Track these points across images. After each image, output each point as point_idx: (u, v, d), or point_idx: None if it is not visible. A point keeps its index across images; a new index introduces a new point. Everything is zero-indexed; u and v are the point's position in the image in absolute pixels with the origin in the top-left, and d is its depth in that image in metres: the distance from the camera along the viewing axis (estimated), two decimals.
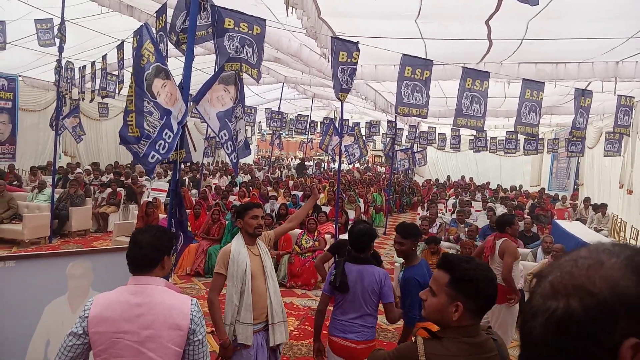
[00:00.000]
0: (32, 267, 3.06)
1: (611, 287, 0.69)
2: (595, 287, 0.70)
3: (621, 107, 8.84)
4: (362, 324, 3.26)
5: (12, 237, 9.13)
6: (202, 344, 2.13)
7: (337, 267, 3.32)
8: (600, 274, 0.71)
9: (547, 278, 0.77)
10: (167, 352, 2.05)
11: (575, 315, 0.70)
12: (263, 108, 18.22)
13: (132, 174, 13.61)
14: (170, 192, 4.08)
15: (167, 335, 2.05)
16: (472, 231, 8.31)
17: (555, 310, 0.72)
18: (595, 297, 0.70)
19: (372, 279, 3.24)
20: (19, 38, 10.87)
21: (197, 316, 2.13)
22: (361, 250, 3.38)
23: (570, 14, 6.53)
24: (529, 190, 19.44)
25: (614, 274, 0.70)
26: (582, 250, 0.78)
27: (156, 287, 2.14)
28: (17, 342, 2.92)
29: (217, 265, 3.36)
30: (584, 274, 0.73)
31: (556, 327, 0.72)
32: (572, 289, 0.72)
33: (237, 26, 4.82)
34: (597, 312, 0.69)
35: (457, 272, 1.72)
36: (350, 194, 13.23)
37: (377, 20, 7.55)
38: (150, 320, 2.04)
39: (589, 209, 13.04)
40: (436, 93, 11.17)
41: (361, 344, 3.23)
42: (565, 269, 0.76)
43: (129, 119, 3.37)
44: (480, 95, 7.07)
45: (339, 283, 3.22)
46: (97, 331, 2.02)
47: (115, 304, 2.07)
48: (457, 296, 1.69)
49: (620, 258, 0.72)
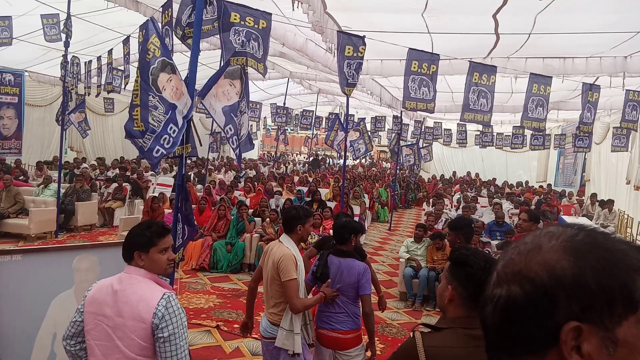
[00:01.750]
0: (38, 261, 3.07)
1: (548, 270, 0.70)
2: (533, 272, 0.71)
3: (629, 102, 8.76)
4: (346, 315, 3.39)
5: (19, 231, 9.18)
6: (167, 342, 2.04)
7: (320, 258, 3.48)
8: (537, 259, 0.71)
9: (496, 267, 0.78)
10: (130, 343, 2.06)
11: (517, 301, 0.71)
12: (268, 103, 18.21)
13: (138, 169, 13.64)
14: (176, 186, 4.08)
15: (131, 325, 2.06)
16: (477, 227, 8.27)
17: (499, 298, 0.73)
18: (533, 282, 0.70)
19: (352, 272, 3.37)
20: (25, 33, 10.90)
21: (162, 312, 2.04)
22: (342, 242, 3.49)
23: (578, 8, 6.47)
24: (535, 186, 19.35)
25: (551, 257, 0.71)
26: (528, 237, 0.78)
27: (136, 276, 2.16)
28: (24, 335, 2.94)
29: (289, 271, 3.17)
30: (523, 260, 0.73)
31: (501, 313, 0.73)
32: (512, 275, 0.73)
33: (243, 20, 4.80)
34: (537, 296, 0.69)
35: (453, 256, 1.84)
36: (355, 190, 13.21)
37: (384, 14, 7.52)
38: (121, 308, 2.08)
39: (596, 205, 12.96)
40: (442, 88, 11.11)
41: (347, 333, 3.37)
42: (507, 257, 0.76)
43: (134, 113, 3.37)
44: (487, 89, 7.03)
45: (320, 274, 3.39)
46: (88, 311, 2.14)
47: (104, 287, 2.17)
48: (451, 280, 1.77)
49: (559, 240, 0.72)
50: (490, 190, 16.35)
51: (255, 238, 8.28)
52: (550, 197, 14.66)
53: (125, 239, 2.27)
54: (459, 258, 1.78)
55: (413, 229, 8.51)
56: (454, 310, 1.73)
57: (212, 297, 6.65)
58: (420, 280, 6.96)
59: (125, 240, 2.26)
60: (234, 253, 8.06)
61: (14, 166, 12.80)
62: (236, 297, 6.75)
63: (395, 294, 7.40)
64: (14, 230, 9.20)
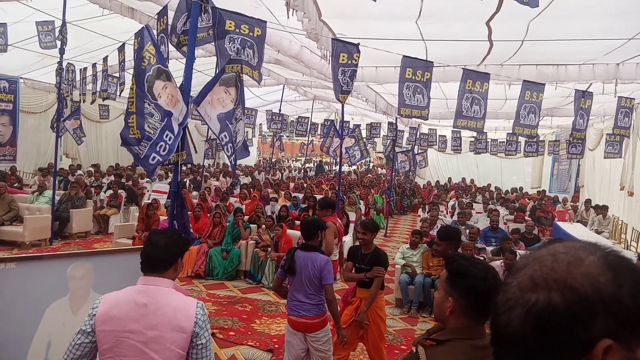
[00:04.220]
0: (33, 268, 3.06)
1: (592, 283, 0.70)
2: (577, 282, 0.71)
3: (621, 109, 8.83)
4: (310, 303, 3.79)
5: (13, 238, 9.13)
6: (205, 348, 2.11)
7: (288, 253, 3.89)
8: (580, 270, 0.72)
9: (523, 270, 0.77)
10: (169, 354, 2.05)
11: (557, 309, 0.71)
12: (264, 110, 18.22)
13: (133, 176, 13.61)
14: (171, 193, 4.08)
15: (170, 337, 2.05)
16: (473, 233, 8.31)
17: (535, 303, 0.72)
18: (576, 292, 0.70)
19: (315, 264, 3.75)
20: (20, 40, 10.88)
21: (201, 319, 2.12)
22: (309, 238, 3.90)
23: (571, 15, 6.53)
24: (530, 192, 19.42)
25: (594, 271, 0.71)
26: (558, 246, 0.78)
27: (164, 288, 2.14)
28: (18, 343, 2.92)
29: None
30: (565, 269, 0.73)
31: (536, 320, 0.72)
32: (554, 283, 0.72)
33: (238, 28, 4.83)
34: (578, 306, 0.70)
35: (451, 267, 1.78)
36: (351, 196, 13.22)
37: (378, 22, 7.56)
38: (155, 321, 2.05)
39: (590, 210, 13.02)
40: (437, 95, 11.17)
41: (313, 319, 3.81)
42: (545, 263, 0.76)
43: (130, 120, 3.37)
44: (481, 96, 7.07)
45: (287, 267, 3.80)
46: (104, 329, 2.03)
47: (123, 303, 2.08)
48: (450, 291, 1.73)
49: (596, 256, 0.74)
50: (486, 197, 16.41)
51: (251, 245, 8.27)
52: (545, 203, 14.72)
53: (159, 250, 2.19)
54: (459, 270, 1.74)
55: (409, 235, 8.52)
56: (455, 321, 1.69)
57: (207, 305, 6.63)
58: (416, 287, 6.97)
59: (161, 251, 2.19)
60: (229, 260, 8.05)
61: (8, 173, 12.75)
62: (232, 305, 6.74)
63: (391, 301, 7.40)
64: (8, 237, 9.15)
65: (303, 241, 4.02)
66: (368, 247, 4.47)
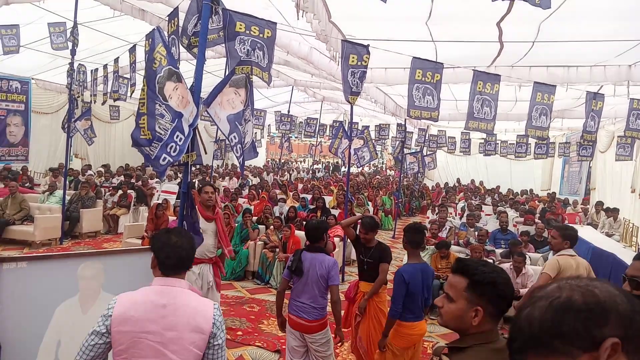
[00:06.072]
0: (43, 268, 3.07)
1: (611, 297, 0.88)
2: (598, 291, 0.89)
3: (633, 111, 8.72)
4: (313, 306, 3.80)
5: (24, 238, 9.22)
6: (221, 349, 2.14)
7: (295, 254, 3.92)
8: (603, 287, 0.91)
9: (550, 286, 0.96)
10: (188, 355, 2.05)
11: (576, 304, 0.88)
12: (272, 111, 18.25)
13: (143, 176, 13.68)
14: (181, 194, 4.10)
15: (189, 337, 2.06)
16: (482, 235, 8.25)
17: (558, 297, 0.90)
18: (596, 297, 0.88)
19: (322, 265, 3.78)
20: (32, 41, 11.01)
21: (219, 320, 2.15)
22: (315, 241, 3.91)
23: (582, 16, 6.48)
24: (540, 195, 19.27)
25: (612, 291, 0.89)
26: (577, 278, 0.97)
27: (181, 289, 2.14)
28: (29, 342, 2.94)
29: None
30: (589, 284, 0.92)
31: (555, 309, 0.89)
32: (578, 288, 0.91)
33: (248, 30, 4.83)
34: (595, 308, 0.86)
35: (475, 276, 1.67)
36: (359, 197, 13.19)
37: (388, 23, 7.55)
38: (174, 321, 2.05)
39: (601, 213, 12.89)
40: (446, 96, 11.13)
41: (312, 322, 3.81)
42: (569, 281, 0.95)
43: (140, 121, 3.39)
44: (491, 98, 7.03)
45: (295, 267, 3.80)
46: (120, 330, 2.02)
47: (140, 303, 2.07)
48: (477, 300, 1.64)
49: (613, 287, 0.92)
50: (495, 199, 16.31)
51: (259, 245, 8.28)
52: (555, 205, 14.60)
53: (187, 251, 2.20)
54: (484, 278, 1.65)
55: None
56: (478, 327, 1.64)
57: None
58: None
59: (190, 253, 2.22)
60: (237, 260, 8.06)
61: (20, 173, 12.87)
62: (240, 305, 6.75)
63: None
64: (19, 237, 9.24)
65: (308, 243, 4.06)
66: (370, 242, 4.55)
